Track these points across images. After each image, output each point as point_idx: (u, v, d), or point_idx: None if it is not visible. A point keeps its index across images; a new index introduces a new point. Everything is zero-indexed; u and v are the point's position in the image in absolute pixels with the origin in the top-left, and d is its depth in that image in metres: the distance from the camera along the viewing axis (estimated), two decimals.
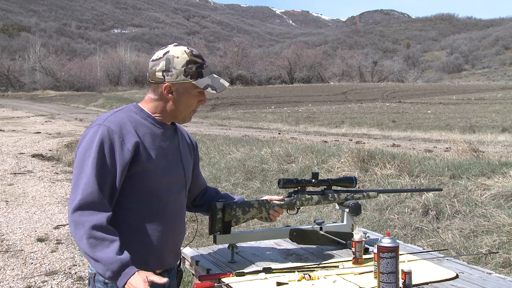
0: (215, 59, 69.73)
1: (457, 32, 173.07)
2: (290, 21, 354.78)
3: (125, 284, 1.63)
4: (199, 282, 1.91)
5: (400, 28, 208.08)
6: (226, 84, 1.88)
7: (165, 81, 1.80)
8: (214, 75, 1.87)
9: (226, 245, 2.23)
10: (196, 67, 1.81)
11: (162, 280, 1.65)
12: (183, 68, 1.79)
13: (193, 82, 1.80)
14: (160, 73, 1.80)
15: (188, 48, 1.83)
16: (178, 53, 1.80)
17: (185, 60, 1.80)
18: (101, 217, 1.66)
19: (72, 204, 1.68)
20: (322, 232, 2.28)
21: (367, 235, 2.32)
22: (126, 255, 1.65)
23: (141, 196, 1.79)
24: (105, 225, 1.67)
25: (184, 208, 1.99)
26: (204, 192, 2.20)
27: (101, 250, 1.63)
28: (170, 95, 1.82)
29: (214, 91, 1.82)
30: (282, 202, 2.21)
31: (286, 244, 2.44)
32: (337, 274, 1.96)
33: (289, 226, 2.52)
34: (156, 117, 1.85)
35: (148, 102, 1.86)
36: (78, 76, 65.44)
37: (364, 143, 13.45)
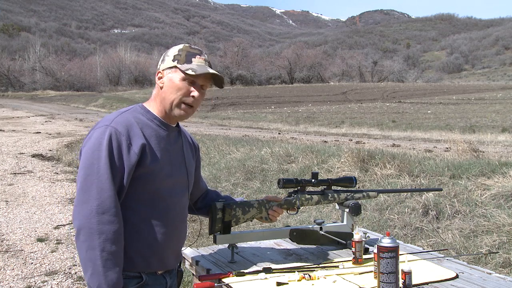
0: (215, 59, 69.71)
1: (457, 32, 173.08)
2: (290, 21, 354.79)
3: None
4: (199, 282, 1.91)
5: (400, 28, 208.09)
6: (211, 70, 1.81)
7: (159, 69, 1.87)
8: (208, 67, 1.82)
9: (226, 245, 2.24)
10: (186, 54, 1.82)
11: None
12: (173, 55, 1.83)
13: (178, 65, 1.81)
14: (158, 65, 1.87)
15: (191, 45, 1.88)
16: (178, 46, 1.87)
17: (177, 49, 1.84)
18: (118, 228, 1.67)
19: (85, 207, 1.65)
20: (322, 232, 2.28)
21: (367, 235, 2.32)
22: (123, 283, 1.69)
23: (144, 197, 1.79)
24: (120, 238, 1.68)
25: (186, 210, 1.99)
26: (205, 195, 2.19)
27: (109, 267, 1.64)
28: (160, 81, 1.85)
29: (193, 72, 1.78)
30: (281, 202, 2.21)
31: (286, 244, 2.44)
32: (337, 274, 1.96)
33: (289, 226, 2.52)
34: (161, 119, 1.85)
35: (151, 100, 1.89)
36: (78, 76, 65.45)
37: (364, 143, 13.44)
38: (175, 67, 1.81)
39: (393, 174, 6.09)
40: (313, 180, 2.25)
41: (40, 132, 18.74)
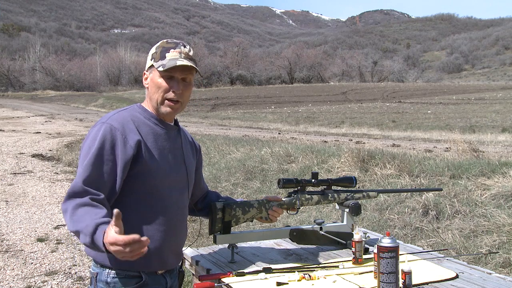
0: (215, 59, 69.68)
1: (457, 32, 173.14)
2: (290, 21, 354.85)
3: (103, 237, 1.51)
4: (199, 282, 1.91)
5: (400, 28, 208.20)
6: (179, 62, 1.77)
7: (144, 71, 1.89)
8: (180, 59, 1.78)
9: (226, 245, 2.23)
10: (161, 50, 1.82)
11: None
12: (151, 54, 1.85)
13: (153, 64, 1.82)
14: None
15: (168, 40, 1.87)
16: (157, 43, 1.87)
17: (155, 46, 1.85)
18: (85, 198, 1.63)
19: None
20: (322, 232, 2.28)
21: (367, 235, 2.32)
22: (103, 219, 1.56)
23: (143, 196, 1.79)
24: (89, 201, 1.62)
25: (186, 210, 1.98)
26: (205, 196, 2.19)
27: (82, 220, 1.57)
28: (145, 82, 1.87)
29: (162, 68, 1.78)
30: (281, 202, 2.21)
31: (286, 244, 2.44)
32: (337, 274, 1.96)
33: (289, 226, 2.51)
34: (158, 117, 1.86)
35: (146, 102, 1.90)
36: (78, 76, 65.39)
37: (364, 143, 13.44)
38: (152, 66, 1.83)
39: (393, 174, 6.09)
40: (313, 180, 2.25)
41: (40, 132, 18.73)
